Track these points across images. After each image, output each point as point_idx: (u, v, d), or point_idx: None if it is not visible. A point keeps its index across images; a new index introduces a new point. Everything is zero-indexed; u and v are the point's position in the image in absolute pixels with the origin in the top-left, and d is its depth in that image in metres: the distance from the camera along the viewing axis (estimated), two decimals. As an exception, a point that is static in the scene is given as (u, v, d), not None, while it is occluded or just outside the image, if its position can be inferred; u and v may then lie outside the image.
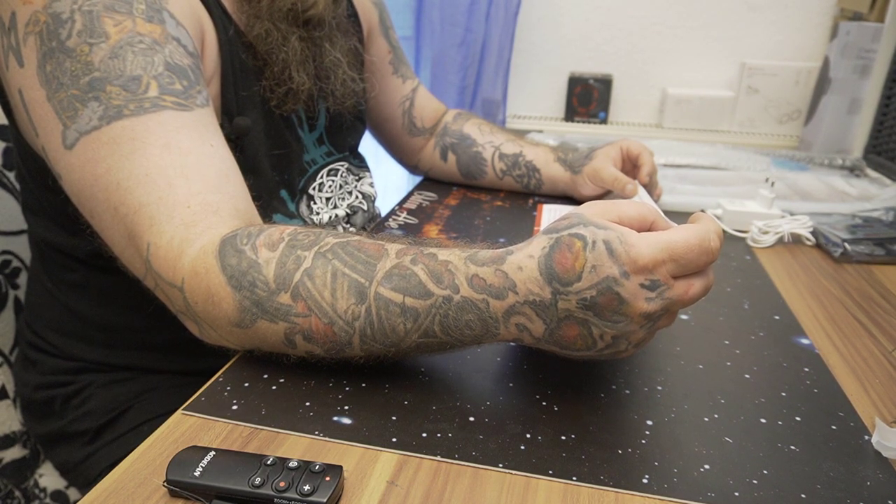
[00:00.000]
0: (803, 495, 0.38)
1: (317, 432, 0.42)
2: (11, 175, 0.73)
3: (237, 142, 0.62)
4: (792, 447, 0.42)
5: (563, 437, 0.42)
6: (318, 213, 0.74)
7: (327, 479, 0.36)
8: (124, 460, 0.39)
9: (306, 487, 0.35)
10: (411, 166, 1.00)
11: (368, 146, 0.93)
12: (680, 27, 1.49)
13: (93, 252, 0.58)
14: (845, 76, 1.28)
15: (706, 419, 0.45)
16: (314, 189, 0.74)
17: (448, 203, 0.89)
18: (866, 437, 0.44)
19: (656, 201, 0.86)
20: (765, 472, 0.40)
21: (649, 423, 0.44)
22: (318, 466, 0.37)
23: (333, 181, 0.77)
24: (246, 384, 0.46)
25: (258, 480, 0.36)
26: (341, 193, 0.78)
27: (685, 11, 1.48)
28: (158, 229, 0.46)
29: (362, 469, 0.39)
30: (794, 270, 0.72)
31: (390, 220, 0.82)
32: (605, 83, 1.52)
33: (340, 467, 0.37)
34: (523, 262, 0.40)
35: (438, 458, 0.40)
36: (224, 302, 0.45)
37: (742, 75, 1.47)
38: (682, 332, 0.57)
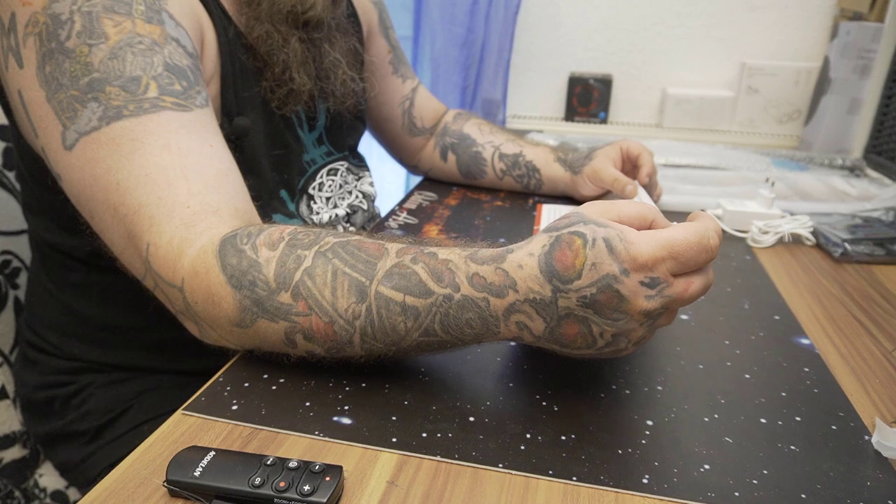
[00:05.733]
0: (803, 495, 0.38)
1: (317, 432, 0.42)
2: (11, 175, 0.73)
3: (237, 142, 0.62)
4: (792, 447, 0.42)
5: (563, 437, 0.42)
6: (317, 213, 0.74)
7: (327, 479, 0.36)
8: (124, 460, 0.39)
9: (306, 487, 0.35)
10: (411, 166, 1.00)
11: (368, 146, 0.93)
12: (680, 27, 1.50)
13: (93, 252, 0.58)
14: (845, 76, 1.28)
15: (706, 419, 0.45)
16: (314, 189, 0.74)
17: (448, 203, 0.89)
18: (866, 437, 0.44)
19: (656, 202, 0.86)
20: (765, 472, 0.40)
21: (649, 423, 0.44)
22: (318, 466, 0.37)
23: (333, 181, 0.77)
24: (246, 384, 0.46)
25: (258, 480, 0.36)
26: (341, 193, 0.78)
27: (685, 11, 1.48)
28: (158, 229, 0.46)
29: (362, 469, 0.39)
30: (794, 270, 0.72)
31: (390, 219, 0.82)
32: (605, 83, 1.52)
33: (340, 467, 0.37)
34: (524, 260, 0.40)
35: (438, 458, 0.40)
36: (224, 301, 0.45)
37: (742, 75, 1.47)
38: (682, 332, 0.57)
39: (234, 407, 0.44)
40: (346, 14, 0.78)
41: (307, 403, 0.44)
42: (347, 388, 0.46)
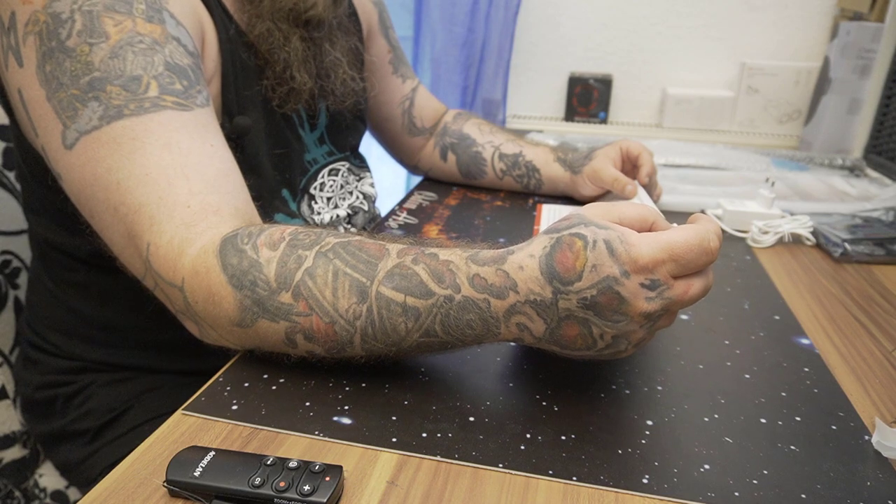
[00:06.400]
0: (803, 495, 0.38)
1: (317, 432, 0.42)
2: (11, 175, 0.73)
3: (238, 141, 0.62)
4: (792, 447, 0.42)
5: (563, 437, 0.42)
6: (319, 213, 0.74)
7: (327, 479, 0.36)
8: (124, 460, 0.39)
9: (306, 487, 0.35)
10: (411, 166, 1.00)
11: (368, 146, 0.93)
12: (680, 27, 1.49)
13: (94, 252, 0.58)
14: (845, 76, 1.28)
15: (706, 419, 0.45)
16: (315, 189, 0.74)
17: (448, 203, 0.89)
18: (866, 437, 0.44)
19: (656, 202, 0.87)
20: (765, 472, 0.40)
21: (649, 423, 0.44)
22: (318, 466, 0.37)
23: (335, 181, 0.77)
24: (246, 384, 0.46)
25: (258, 480, 0.36)
26: (342, 193, 0.78)
27: (685, 11, 1.48)
28: (158, 229, 0.46)
29: (362, 469, 0.39)
30: (794, 270, 0.72)
31: (390, 219, 0.82)
32: (605, 83, 1.52)
33: (340, 467, 0.37)
34: (524, 261, 0.40)
35: (438, 458, 0.40)
36: (225, 301, 0.45)
37: (742, 75, 1.47)
38: (682, 332, 0.57)
39: (234, 407, 0.44)
40: (347, 13, 0.78)
41: (307, 403, 0.44)
42: (347, 388, 0.46)
